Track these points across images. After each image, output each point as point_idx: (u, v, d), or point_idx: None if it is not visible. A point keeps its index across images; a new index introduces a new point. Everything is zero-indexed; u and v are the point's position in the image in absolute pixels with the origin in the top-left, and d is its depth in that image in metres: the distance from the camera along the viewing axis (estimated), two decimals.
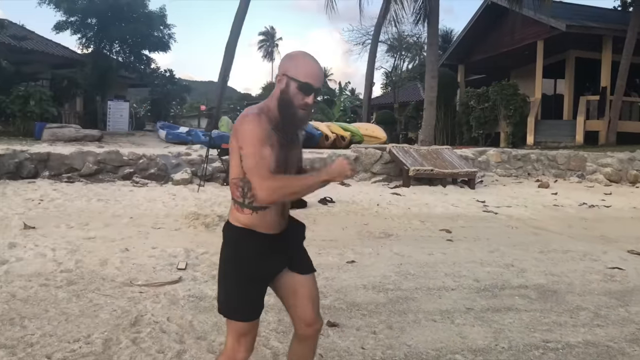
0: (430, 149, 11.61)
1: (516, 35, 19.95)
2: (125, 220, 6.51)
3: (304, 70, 1.97)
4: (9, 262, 4.64)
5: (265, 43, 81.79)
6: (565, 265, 5.38)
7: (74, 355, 2.98)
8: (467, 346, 3.34)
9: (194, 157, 9.66)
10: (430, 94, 14.51)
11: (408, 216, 7.67)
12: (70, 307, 3.69)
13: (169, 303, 3.86)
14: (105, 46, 23.14)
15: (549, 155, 13.43)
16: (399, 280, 4.68)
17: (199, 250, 5.29)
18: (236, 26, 16.37)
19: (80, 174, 8.81)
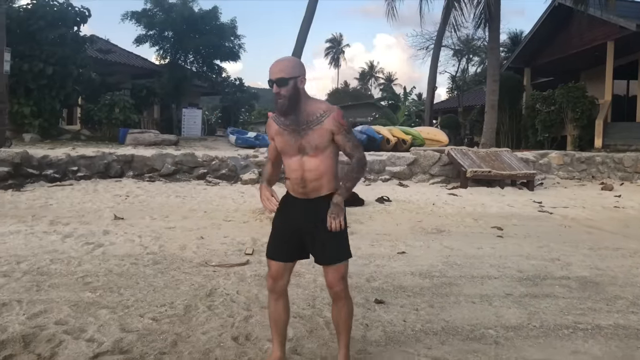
0: (489, 151, 11.76)
1: (585, 37, 19.49)
2: (200, 214, 7.26)
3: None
4: (104, 245, 5.43)
5: (332, 50, 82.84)
6: (612, 261, 5.54)
7: (161, 315, 3.61)
8: (501, 323, 3.69)
9: (261, 159, 10.39)
10: (492, 97, 14.57)
11: (462, 214, 7.97)
12: (156, 281, 4.37)
13: (238, 280, 4.46)
14: (180, 57, 24.64)
15: (615, 157, 13.17)
16: (445, 269, 5.06)
17: (264, 240, 5.83)
18: (302, 35, 17.10)
19: (160, 174, 9.76)
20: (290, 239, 2.75)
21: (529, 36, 22.78)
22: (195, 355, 3.00)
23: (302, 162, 2.64)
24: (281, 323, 2.84)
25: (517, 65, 23.83)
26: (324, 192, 2.67)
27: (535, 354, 3.21)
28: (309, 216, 2.68)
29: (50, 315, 3.52)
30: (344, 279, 2.71)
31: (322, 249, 2.68)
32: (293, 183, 2.70)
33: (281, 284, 2.80)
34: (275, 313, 2.83)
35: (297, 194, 2.71)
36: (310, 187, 2.66)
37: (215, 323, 3.49)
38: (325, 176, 2.66)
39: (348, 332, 2.83)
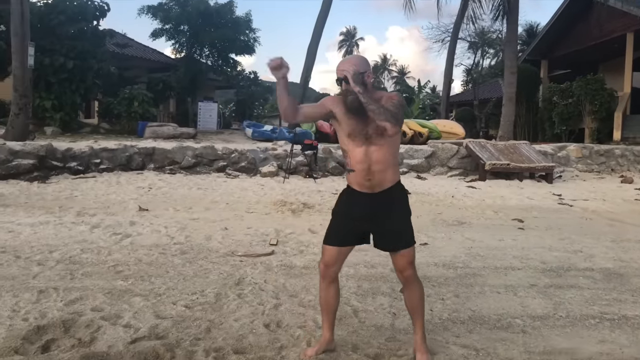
0: (507, 144, 11.73)
1: (604, 28, 19.25)
2: (222, 206, 7.36)
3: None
4: (132, 235, 5.54)
5: (345, 43, 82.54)
6: (636, 253, 5.54)
7: (193, 303, 3.70)
8: (527, 313, 3.74)
9: (280, 152, 10.47)
10: (509, 90, 14.50)
11: (482, 207, 7.99)
12: (185, 270, 4.46)
13: (265, 270, 4.54)
14: (196, 51, 24.75)
15: (635, 150, 13.06)
16: (468, 260, 5.10)
17: (287, 231, 5.97)
18: (318, 28, 17.13)
19: (180, 166, 9.88)
20: (351, 229, 2.85)
21: (546, 28, 22.54)
22: (230, 341, 3.08)
23: (369, 153, 2.70)
24: (331, 307, 2.97)
25: (533, 58, 23.60)
26: (387, 185, 2.77)
27: (562, 342, 3.25)
28: (375, 210, 2.77)
29: (86, 302, 3.63)
30: (412, 263, 2.84)
31: (391, 238, 2.81)
32: (359, 175, 2.74)
33: (333, 270, 2.91)
34: (327, 298, 2.95)
35: (363, 188, 2.77)
36: (376, 179, 2.73)
37: (246, 311, 3.57)
38: (390, 168, 2.76)
39: (422, 315, 2.95)
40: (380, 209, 2.77)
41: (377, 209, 2.77)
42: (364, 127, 2.69)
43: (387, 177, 2.75)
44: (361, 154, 2.70)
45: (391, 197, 2.78)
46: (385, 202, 2.77)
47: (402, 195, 2.88)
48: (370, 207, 2.77)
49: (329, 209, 7.36)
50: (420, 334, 2.91)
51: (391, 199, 2.78)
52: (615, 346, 3.22)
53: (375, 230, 2.84)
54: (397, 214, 2.82)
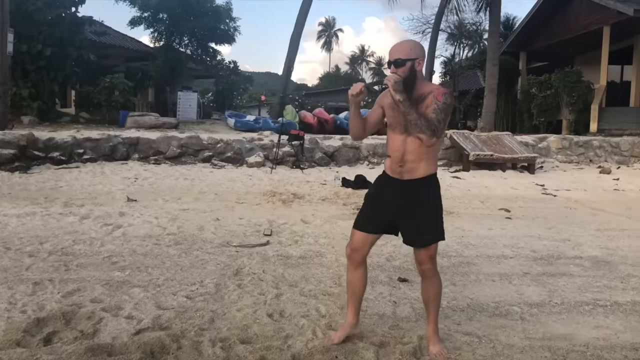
0: (490, 135, 11.88)
1: (581, 21, 19.56)
2: (211, 196, 7.31)
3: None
4: (123, 226, 5.47)
5: (324, 33, 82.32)
6: (620, 241, 5.69)
7: (193, 293, 3.69)
8: (524, 300, 3.81)
9: (266, 142, 10.43)
10: (491, 81, 14.67)
11: (468, 197, 8.09)
12: (182, 261, 4.43)
13: (261, 260, 4.53)
14: (175, 40, 24.40)
15: (612, 142, 13.36)
16: (461, 249, 5.17)
17: (280, 221, 5.97)
18: (300, 19, 17.04)
19: (165, 156, 9.77)
20: (381, 215, 2.86)
21: (525, 21, 22.79)
22: (234, 332, 3.08)
23: (406, 142, 2.71)
24: (358, 290, 2.96)
25: (512, 50, 23.85)
26: (418, 175, 2.74)
27: (560, 329, 3.32)
28: (400, 196, 2.77)
29: (84, 294, 3.58)
30: (433, 258, 2.83)
31: (417, 229, 2.78)
32: (392, 161, 2.78)
33: (360, 254, 2.93)
34: (353, 281, 2.95)
35: (394, 174, 2.79)
36: (407, 167, 2.73)
37: (248, 301, 3.57)
38: (423, 160, 2.73)
39: (437, 308, 2.95)
40: (407, 197, 2.76)
41: (404, 195, 2.76)
42: (405, 119, 2.68)
43: (419, 167, 2.73)
44: (398, 142, 2.73)
45: (420, 187, 2.76)
46: (412, 191, 2.76)
47: (433, 188, 2.82)
48: (398, 193, 2.77)
49: (319, 200, 7.44)
50: (432, 326, 2.93)
51: (419, 188, 2.77)
52: (610, 331, 3.30)
53: (401, 220, 2.82)
54: (423, 204, 2.78)
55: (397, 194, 2.78)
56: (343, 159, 10.79)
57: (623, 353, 3.00)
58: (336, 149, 10.83)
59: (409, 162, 2.71)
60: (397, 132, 2.74)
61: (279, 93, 18.94)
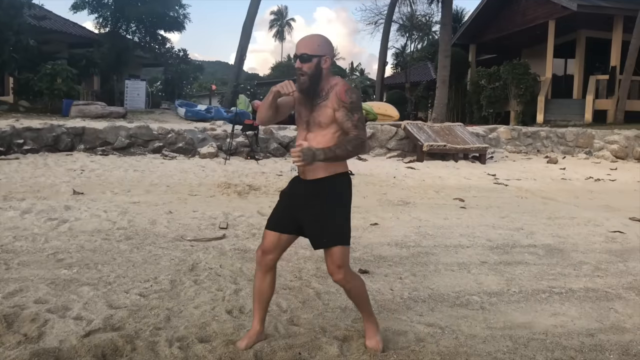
0: (443, 125, 12.05)
1: (528, 15, 20.14)
2: (163, 188, 7.05)
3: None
4: (69, 220, 5.19)
5: (277, 22, 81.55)
6: (571, 229, 5.85)
7: (147, 291, 3.51)
8: (483, 290, 3.84)
9: (219, 132, 10.18)
10: (443, 73, 14.86)
11: (423, 187, 8.16)
12: (134, 256, 4.23)
13: (218, 254, 4.38)
14: (121, 26, 23.49)
15: (558, 132, 13.82)
16: (419, 239, 5.18)
17: (236, 214, 5.81)
18: (253, 7, 16.72)
19: (113, 147, 9.36)
20: (286, 214, 2.72)
21: (475, 13, 23.26)
22: (192, 330, 2.94)
23: (307, 139, 2.59)
24: (265, 298, 2.81)
25: (462, 42, 24.32)
26: (321, 174, 2.59)
27: (519, 317, 3.36)
28: (304, 197, 2.65)
29: (27, 294, 3.35)
30: (341, 267, 2.62)
31: (317, 231, 2.63)
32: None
33: (270, 257, 2.75)
34: (261, 287, 2.79)
35: (299, 173, 2.71)
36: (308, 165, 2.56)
37: (205, 297, 3.43)
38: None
39: (365, 305, 2.83)
40: (309, 197, 2.63)
41: (306, 195, 2.64)
42: (306, 114, 2.62)
43: (320, 166, 2.56)
44: (301, 138, 2.62)
45: (322, 186, 2.61)
46: (314, 191, 2.62)
47: (337, 188, 2.64)
48: (302, 193, 2.66)
49: (276, 191, 7.30)
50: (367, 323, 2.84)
51: (322, 188, 2.61)
52: (567, 318, 3.37)
53: (305, 221, 2.65)
54: (325, 205, 2.61)
55: (301, 193, 2.66)
56: None
57: (580, 339, 3.05)
58: (291, 139, 10.68)
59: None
60: (301, 128, 2.66)
61: (231, 82, 18.58)
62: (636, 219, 6.45)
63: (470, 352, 2.83)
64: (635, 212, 6.90)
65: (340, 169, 2.64)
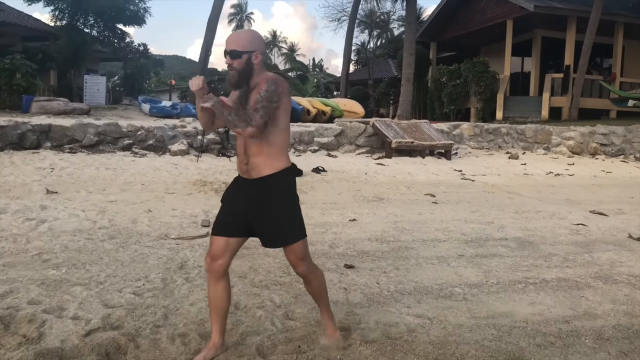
0: (409, 122, 12.32)
1: (487, 14, 20.72)
2: (138, 187, 7.00)
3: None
4: (48, 220, 5.11)
5: (236, 16, 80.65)
6: (537, 222, 6.15)
7: (141, 289, 3.54)
8: (464, 282, 4.03)
9: (189, 129, 10.11)
10: (408, 70, 15.15)
11: (395, 183, 8.37)
12: (120, 256, 4.23)
13: (205, 252, 4.38)
14: (79, 19, 22.86)
15: (517, 129, 14.33)
16: (397, 234, 5.35)
17: (215, 212, 5.80)
18: (218, 2, 16.57)
19: (81, 145, 9.17)
20: (233, 218, 2.65)
21: (435, 12, 23.75)
22: (191, 327, 3.01)
23: (246, 139, 2.54)
24: (221, 307, 2.68)
25: (423, 40, 24.78)
26: (266, 172, 2.55)
27: (500, 307, 3.56)
28: (253, 198, 2.58)
29: (19, 295, 3.33)
30: (303, 259, 2.66)
31: (271, 231, 2.61)
32: (239, 160, 2.64)
33: (220, 263, 2.64)
34: (215, 296, 2.67)
35: (242, 173, 2.63)
36: (251, 164, 2.56)
37: (199, 295, 3.49)
38: (267, 156, 2.54)
39: (325, 298, 2.88)
40: (257, 197, 2.57)
41: (254, 195, 2.58)
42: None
43: (264, 163, 2.54)
44: (241, 139, 2.57)
45: (269, 185, 2.56)
46: (261, 190, 2.57)
47: (284, 184, 2.60)
48: (247, 195, 2.60)
49: None
50: (326, 315, 2.88)
51: (269, 187, 2.56)
52: (543, 307, 3.59)
53: (255, 221, 2.61)
54: (276, 204, 2.58)
55: (247, 194, 2.59)
56: None
57: (557, 326, 3.27)
58: None
59: (252, 158, 2.54)
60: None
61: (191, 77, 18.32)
62: (596, 212, 6.82)
63: (459, 341, 3.00)
64: (594, 205, 7.29)
65: (283, 164, 2.59)
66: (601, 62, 22.66)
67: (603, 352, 2.96)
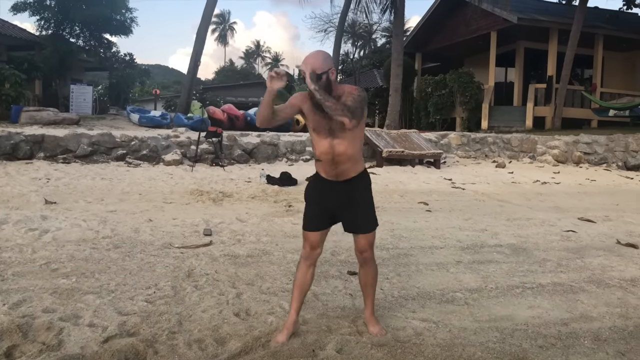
0: (399, 132, 12.51)
1: (471, 26, 21.12)
2: (135, 197, 7.04)
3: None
4: (50, 230, 5.15)
5: (219, 26, 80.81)
6: (529, 229, 6.32)
7: (152, 297, 3.61)
8: (464, 287, 4.16)
9: (183, 139, 10.16)
10: (396, 81, 15.38)
11: (388, 192, 8.51)
12: (127, 265, 4.29)
13: (210, 260, 4.51)
14: (65, 29, 22.78)
15: (504, 138, 14.61)
16: (395, 241, 5.48)
17: (216, 221, 5.93)
18: (208, 10, 16.67)
19: (75, 155, 9.17)
20: (324, 214, 3.07)
21: (421, 23, 24.12)
22: (206, 332, 3.09)
23: (332, 145, 2.88)
24: (306, 289, 3.14)
25: (408, 50, 25.12)
26: (352, 175, 2.99)
27: (501, 311, 3.69)
28: (342, 196, 3.00)
29: (33, 304, 3.38)
30: (372, 245, 3.13)
31: (358, 221, 3.05)
32: (325, 165, 2.96)
33: (318, 251, 3.11)
34: (304, 279, 3.10)
35: (329, 176, 2.99)
36: (340, 169, 2.93)
37: (210, 302, 3.57)
38: (351, 159, 2.94)
39: (374, 292, 3.26)
40: (346, 196, 2.99)
41: (343, 195, 2.99)
42: (327, 122, 2.84)
43: (350, 168, 2.95)
44: (326, 145, 2.88)
45: (355, 185, 3.01)
46: (349, 190, 2.99)
47: (366, 183, 3.10)
48: (337, 194, 2.99)
49: (249, 198, 7.45)
50: (370, 309, 3.22)
51: (355, 187, 3.01)
52: (542, 310, 3.73)
53: (342, 214, 3.05)
54: (361, 200, 3.05)
55: (337, 194, 3.00)
56: (262, 156, 10.81)
57: (557, 328, 3.41)
58: (255, 145, 10.82)
59: (341, 164, 2.90)
60: (323, 136, 2.88)
61: (185, 88, 18.39)
62: (584, 219, 7.03)
63: (465, 343, 3.12)
64: (582, 212, 7.51)
65: (362, 166, 3.07)
66: (582, 73, 23.19)
67: (602, 352, 3.10)
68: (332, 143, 2.87)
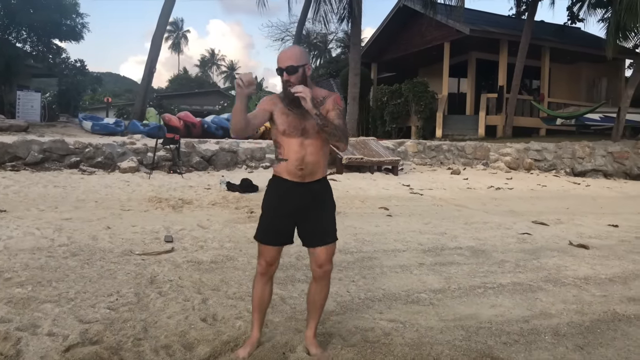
0: (358, 139, 12.64)
1: (426, 37, 21.63)
2: (91, 204, 6.83)
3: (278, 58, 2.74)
4: (1, 239, 4.92)
5: (173, 34, 79.67)
6: (486, 232, 6.50)
7: (115, 304, 3.50)
8: (428, 288, 4.23)
9: (139, 146, 9.92)
10: (353, 90, 15.56)
11: (349, 197, 8.58)
12: (87, 272, 4.15)
13: (173, 267, 4.42)
14: (11, 33, 21.95)
15: (458, 146, 14.99)
16: (359, 245, 5.52)
17: (176, 227, 5.81)
18: (163, 18, 16.45)
19: (25, 162, 8.81)
20: (284, 223, 2.83)
21: (377, 34, 24.53)
22: (173, 338, 3.02)
23: (304, 145, 2.73)
24: (265, 305, 2.98)
25: (364, 60, 25.44)
26: (318, 176, 2.83)
27: (465, 310, 3.77)
28: (306, 198, 2.80)
29: None
30: (331, 258, 2.88)
31: (321, 227, 2.83)
32: (291, 165, 2.75)
33: (274, 267, 2.93)
34: (263, 297, 2.94)
35: (294, 177, 2.78)
36: (308, 170, 2.77)
37: (176, 308, 3.49)
38: (321, 162, 2.83)
39: (322, 312, 3.02)
40: (311, 197, 2.80)
41: (307, 197, 2.80)
42: (301, 122, 2.71)
43: (319, 169, 2.81)
44: (297, 144, 2.73)
45: (321, 187, 2.85)
46: (315, 192, 2.82)
47: (329, 189, 2.94)
48: (300, 196, 2.79)
49: (209, 204, 7.35)
50: (313, 329, 2.97)
51: (321, 189, 2.85)
52: (504, 309, 3.83)
53: (302, 223, 2.83)
54: (326, 206, 2.89)
55: (302, 196, 2.79)
56: (221, 163, 10.69)
57: (518, 325, 3.51)
58: (214, 152, 10.68)
59: (310, 164, 2.75)
60: (294, 136, 2.72)
61: (139, 95, 18.03)
62: (538, 222, 7.28)
63: (433, 342, 3.17)
64: (535, 215, 7.78)
65: (326, 171, 2.93)
66: (530, 84, 24.10)
67: (562, 346, 3.21)
68: (304, 143, 2.73)
